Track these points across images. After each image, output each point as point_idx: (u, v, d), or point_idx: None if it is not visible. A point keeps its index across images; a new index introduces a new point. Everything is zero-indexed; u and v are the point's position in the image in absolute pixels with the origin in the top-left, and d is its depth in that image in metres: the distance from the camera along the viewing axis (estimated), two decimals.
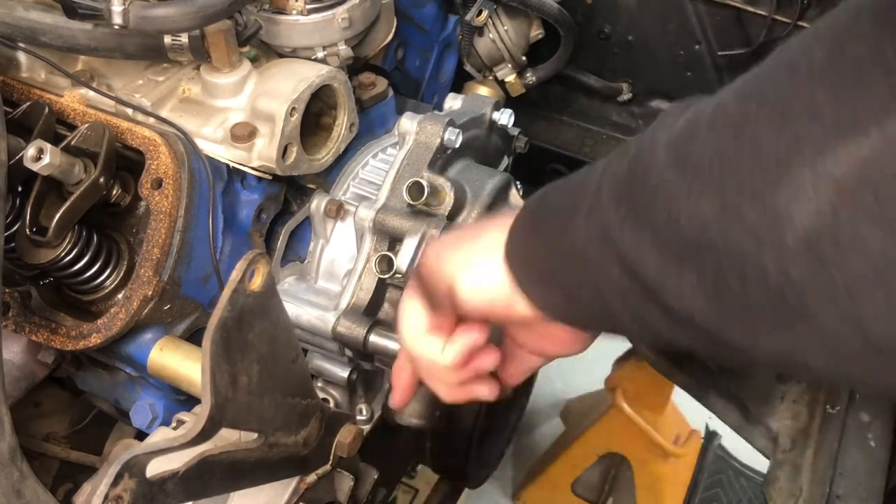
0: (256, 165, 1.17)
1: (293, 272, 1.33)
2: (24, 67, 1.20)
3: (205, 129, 1.17)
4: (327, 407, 1.05)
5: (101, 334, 1.09)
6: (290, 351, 0.92)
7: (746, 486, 2.99)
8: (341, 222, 1.32)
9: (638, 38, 1.95)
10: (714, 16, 1.84)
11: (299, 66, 1.25)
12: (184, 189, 1.09)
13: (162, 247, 1.09)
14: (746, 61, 1.87)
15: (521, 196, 1.31)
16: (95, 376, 1.27)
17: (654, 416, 2.72)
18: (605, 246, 0.64)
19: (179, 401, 1.20)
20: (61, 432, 1.38)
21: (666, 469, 2.81)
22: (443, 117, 1.24)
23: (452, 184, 1.20)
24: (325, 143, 1.28)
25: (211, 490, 0.88)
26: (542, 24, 1.86)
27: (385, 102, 1.42)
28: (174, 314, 1.15)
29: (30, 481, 0.91)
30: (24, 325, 1.11)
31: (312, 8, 1.26)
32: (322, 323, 1.21)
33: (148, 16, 1.05)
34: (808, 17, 1.73)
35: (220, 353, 0.79)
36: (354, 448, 1.08)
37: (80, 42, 1.11)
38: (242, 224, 1.23)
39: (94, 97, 1.16)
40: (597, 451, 2.87)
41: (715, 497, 2.97)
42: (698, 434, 2.97)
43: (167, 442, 0.79)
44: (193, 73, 1.21)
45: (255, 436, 0.91)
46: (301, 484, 1.04)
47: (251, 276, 0.80)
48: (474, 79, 1.87)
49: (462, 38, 1.74)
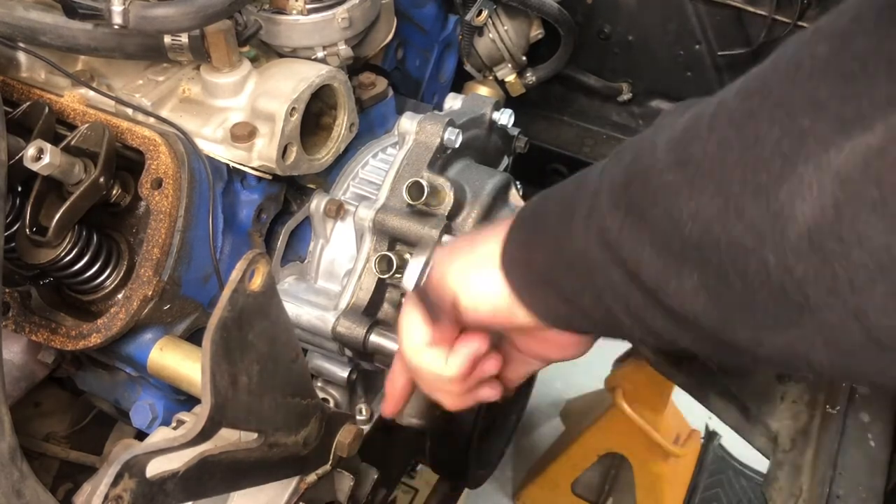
0: (256, 165, 1.17)
1: (293, 272, 1.33)
2: (24, 67, 1.20)
3: (205, 129, 1.17)
4: (327, 407, 1.05)
5: (101, 334, 1.09)
6: (291, 351, 0.92)
7: (746, 486, 2.99)
8: (341, 222, 1.32)
9: (638, 38, 1.95)
10: (714, 16, 1.84)
11: (299, 65, 1.25)
12: (184, 189, 1.09)
13: (162, 247, 1.09)
14: (746, 61, 1.87)
15: (520, 196, 1.31)
16: (95, 376, 1.27)
17: (654, 416, 2.72)
18: (605, 250, 0.64)
19: (179, 401, 1.20)
20: (61, 432, 1.38)
21: (666, 469, 2.81)
22: (443, 117, 1.24)
23: (452, 184, 1.20)
24: (325, 142, 1.28)
25: (211, 490, 0.88)
26: (542, 24, 1.86)
27: (385, 102, 1.42)
28: (174, 314, 1.15)
29: (30, 481, 0.91)
30: (24, 324, 1.11)
31: (312, 8, 1.26)
32: (322, 323, 1.21)
33: (148, 16, 1.05)
34: (808, 17, 1.73)
35: (220, 353, 0.79)
36: (354, 448, 1.08)
37: (80, 42, 1.11)
38: (242, 224, 1.23)
39: (94, 97, 1.16)
40: (597, 451, 2.87)
41: (715, 497, 2.97)
42: (698, 434, 2.97)
43: (167, 442, 0.79)
44: (193, 73, 1.21)
45: (255, 436, 0.91)
46: (301, 484, 1.04)
47: (251, 276, 0.80)
48: (474, 79, 1.87)
49: (462, 38, 1.74)
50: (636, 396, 2.66)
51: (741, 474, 3.02)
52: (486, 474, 1.61)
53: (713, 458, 3.03)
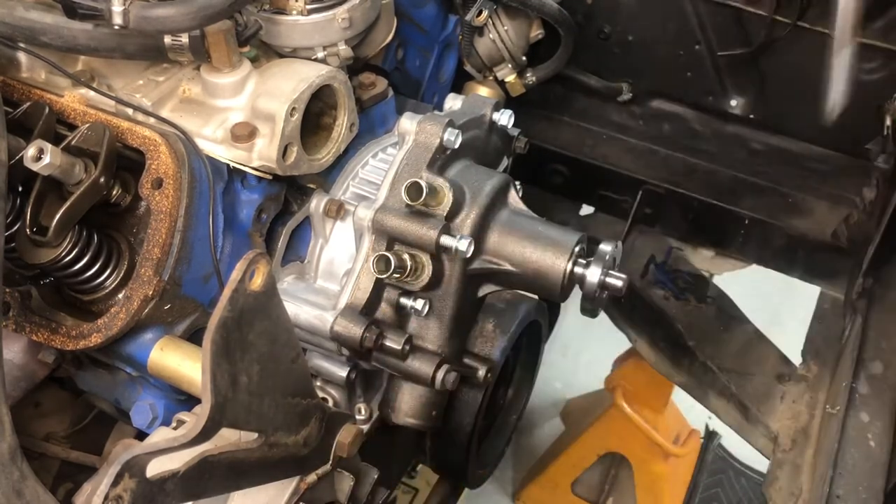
0: (257, 165, 1.17)
1: (293, 272, 1.33)
2: (25, 67, 1.20)
3: (205, 129, 1.17)
4: (327, 407, 1.05)
5: (101, 334, 1.09)
6: (291, 351, 0.92)
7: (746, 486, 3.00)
8: (341, 222, 1.33)
9: (638, 38, 1.95)
10: (714, 16, 1.84)
11: (299, 66, 1.25)
12: (184, 189, 1.09)
13: (162, 247, 1.09)
14: (746, 61, 1.87)
15: (520, 197, 1.31)
16: (96, 376, 1.27)
17: (654, 416, 2.72)
18: None
19: (179, 401, 1.20)
20: (61, 432, 1.38)
21: (666, 469, 2.82)
22: (442, 118, 1.24)
23: (451, 184, 1.20)
24: (326, 143, 1.28)
25: (211, 490, 0.88)
26: (542, 24, 1.86)
27: (385, 102, 1.42)
28: (174, 314, 1.15)
29: (30, 481, 0.91)
30: (24, 324, 1.11)
31: (312, 8, 1.27)
32: (320, 322, 1.21)
33: (148, 16, 1.05)
34: (808, 18, 1.73)
35: (221, 353, 0.79)
36: (354, 448, 1.08)
37: (80, 42, 1.11)
38: (243, 224, 1.23)
39: (94, 97, 1.16)
40: (597, 451, 2.88)
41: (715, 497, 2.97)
42: (698, 434, 2.97)
43: (167, 442, 0.80)
44: (194, 74, 1.21)
45: (255, 436, 0.91)
46: (301, 484, 1.04)
47: (251, 276, 0.81)
48: (474, 79, 1.87)
49: (462, 38, 1.74)
50: (636, 396, 2.67)
51: (741, 474, 3.03)
52: (486, 474, 1.61)
53: (713, 458, 3.04)
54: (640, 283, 1.99)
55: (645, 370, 2.33)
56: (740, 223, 1.93)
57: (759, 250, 1.97)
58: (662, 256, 2.03)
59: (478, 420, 1.38)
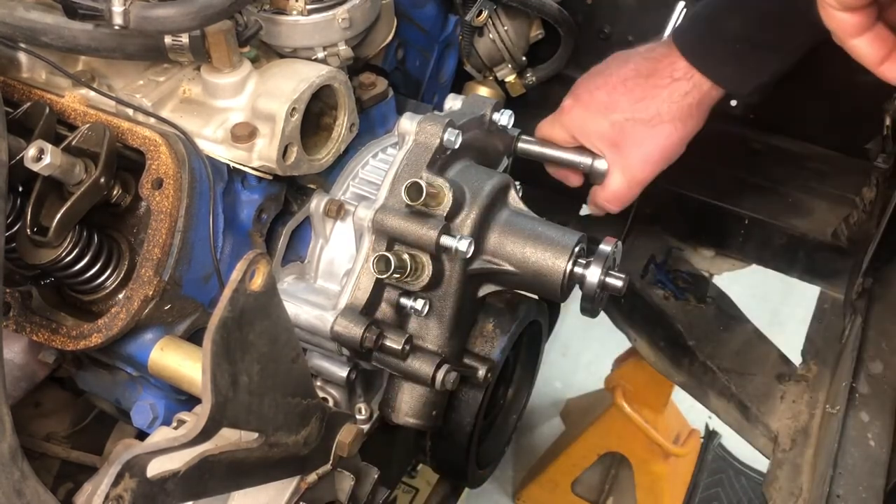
0: (257, 165, 1.17)
1: (293, 272, 1.33)
2: (25, 68, 1.20)
3: (205, 130, 1.17)
4: (328, 407, 1.05)
5: (101, 334, 1.09)
6: (291, 350, 0.92)
7: (746, 486, 3.00)
8: (341, 222, 1.33)
9: (638, 38, 1.95)
10: None
11: (300, 66, 1.25)
12: (184, 189, 1.10)
13: (162, 247, 1.09)
14: None
15: (520, 197, 1.31)
16: (96, 376, 1.27)
17: (654, 416, 2.72)
18: None
19: (180, 401, 1.20)
20: (62, 432, 1.39)
21: (666, 469, 2.82)
22: (442, 118, 1.24)
23: (451, 184, 1.20)
24: (326, 143, 1.28)
25: (211, 490, 0.88)
26: (542, 24, 1.86)
27: (385, 102, 1.42)
28: (175, 314, 1.16)
29: (30, 481, 0.92)
30: (24, 325, 1.11)
31: (313, 8, 1.27)
32: (320, 322, 1.21)
33: (148, 16, 1.05)
34: None
35: (221, 353, 0.79)
36: (355, 448, 1.08)
37: (80, 42, 1.11)
38: (243, 224, 1.23)
39: (94, 97, 1.16)
40: (597, 450, 2.88)
41: (715, 497, 2.97)
42: (698, 434, 2.98)
43: (168, 442, 0.80)
44: (194, 74, 1.21)
45: (255, 435, 0.91)
46: (301, 483, 1.04)
47: (252, 276, 0.81)
48: (474, 79, 1.87)
49: (462, 38, 1.74)
50: (636, 396, 2.67)
51: (741, 474, 3.03)
52: (486, 474, 1.61)
53: (713, 458, 3.04)
54: (640, 283, 1.98)
55: (645, 370, 2.33)
56: (740, 223, 1.93)
57: (759, 250, 1.96)
58: (662, 256, 2.03)
59: (478, 420, 1.38)
